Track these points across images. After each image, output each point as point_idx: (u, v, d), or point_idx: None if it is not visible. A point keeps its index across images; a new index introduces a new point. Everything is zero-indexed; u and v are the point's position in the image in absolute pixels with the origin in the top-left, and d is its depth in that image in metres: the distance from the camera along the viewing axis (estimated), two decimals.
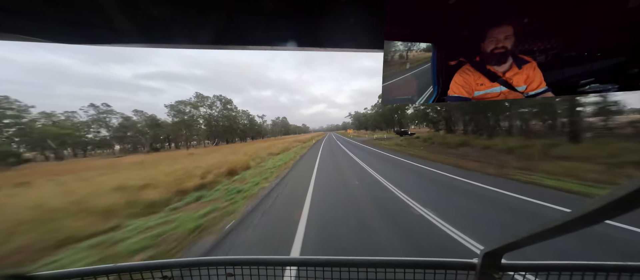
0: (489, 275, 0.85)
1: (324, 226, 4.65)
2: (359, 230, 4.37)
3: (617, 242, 3.56)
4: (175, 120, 66.49)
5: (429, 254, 3.50)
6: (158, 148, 67.46)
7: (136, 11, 0.47)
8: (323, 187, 8.13)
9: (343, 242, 3.99)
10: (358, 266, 0.96)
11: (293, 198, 6.93)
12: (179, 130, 66.72)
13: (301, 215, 5.28)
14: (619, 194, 0.37)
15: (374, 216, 5.04)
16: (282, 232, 4.50)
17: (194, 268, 1.00)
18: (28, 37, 0.50)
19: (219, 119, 78.30)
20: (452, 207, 5.45)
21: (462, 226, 4.29)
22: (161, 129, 67.37)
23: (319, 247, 3.87)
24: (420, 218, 4.83)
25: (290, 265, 0.99)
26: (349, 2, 0.46)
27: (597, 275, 0.86)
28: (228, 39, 0.56)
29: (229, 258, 1.01)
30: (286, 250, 3.81)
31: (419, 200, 5.94)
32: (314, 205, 6.08)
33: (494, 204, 5.62)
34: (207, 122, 75.17)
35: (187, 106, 68.79)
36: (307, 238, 4.16)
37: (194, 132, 71.20)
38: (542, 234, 0.59)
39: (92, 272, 0.95)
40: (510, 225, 4.39)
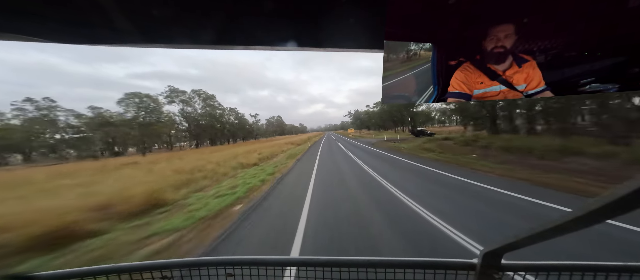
0: (489, 275, 0.85)
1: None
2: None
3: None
4: (127, 117, 51.93)
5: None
6: (97, 156, 50.45)
7: (136, 11, 0.47)
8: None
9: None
10: (358, 266, 0.96)
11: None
12: (130, 130, 52.26)
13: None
14: (619, 194, 0.37)
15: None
16: None
17: (193, 268, 0.99)
18: (28, 37, 0.50)
19: (200, 118, 66.50)
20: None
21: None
22: (117, 128, 51.89)
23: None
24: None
25: (290, 266, 0.98)
26: (349, 2, 0.46)
27: (597, 276, 0.86)
28: (228, 39, 0.56)
29: (229, 258, 1.01)
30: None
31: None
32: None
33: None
34: (183, 121, 62.36)
35: (145, 101, 53.62)
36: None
37: (158, 132, 57.47)
38: (542, 234, 0.59)
39: (92, 272, 0.95)
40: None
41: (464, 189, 7.13)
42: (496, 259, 0.83)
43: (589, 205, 0.43)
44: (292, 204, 6.47)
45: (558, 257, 1.06)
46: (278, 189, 8.76)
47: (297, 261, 0.98)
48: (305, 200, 6.76)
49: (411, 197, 6.34)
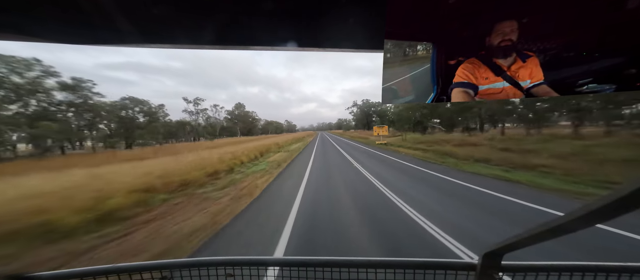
0: (489, 275, 0.85)
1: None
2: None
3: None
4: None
5: None
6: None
7: (136, 11, 0.47)
8: None
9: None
10: (358, 266, 0.96)
11: None
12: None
13: None
14: (619, 194, 0.37)
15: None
16: None
17: (193, 268, 0.99)
18: (28, 37, 0.50)
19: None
20: None
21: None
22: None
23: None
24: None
25: (290, 266, 0.98)
26: (349, 3, 0.47)
27: (597, 276, 0.86)
28: (228, 39, 0.56)
29: (229, 258, 1.01)
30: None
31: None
32: None
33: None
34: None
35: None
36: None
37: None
38: (542, 234, 0.59)
39: (92, 272, 0.95)
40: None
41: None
42: (496, 260, 0.83)
43: (589, 205, 0.43)
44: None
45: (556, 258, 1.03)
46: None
47: (297, 261, 0.98)
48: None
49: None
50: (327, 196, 6.94)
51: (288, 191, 7.69)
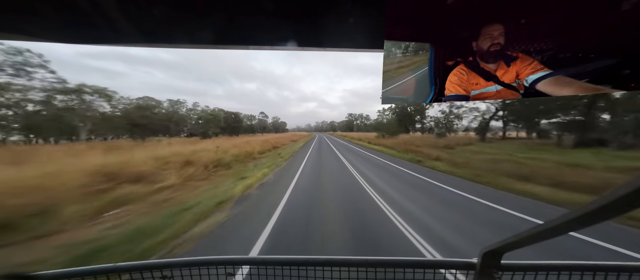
0: (489, 274, 0.85)
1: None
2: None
3: None
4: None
5: None
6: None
7: (136, 11, 0.47)
8: None
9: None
10: (358, 266, 0.96)
11: None
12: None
13: None
14: (619, 194, 0.37)
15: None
16: None
17: (193, 268, 0.99)
18: (28, 37, 0.50)
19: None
20: None
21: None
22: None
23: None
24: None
25: (290, 265, 0.98)
26: (349, 3, 0.47)
27: (596, 275, 0.86)
28: (228, 39, 0.56)
29: (229, 258, 1.01)
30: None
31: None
32: None
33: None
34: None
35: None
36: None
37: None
38: (542, 234, 0.59)
39: (92, 272, 0.95)
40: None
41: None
42: (496, 259, 0.83)
43: (589, 206, 0.43)
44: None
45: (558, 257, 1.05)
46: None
47: (297, 261, 0.98)
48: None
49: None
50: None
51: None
